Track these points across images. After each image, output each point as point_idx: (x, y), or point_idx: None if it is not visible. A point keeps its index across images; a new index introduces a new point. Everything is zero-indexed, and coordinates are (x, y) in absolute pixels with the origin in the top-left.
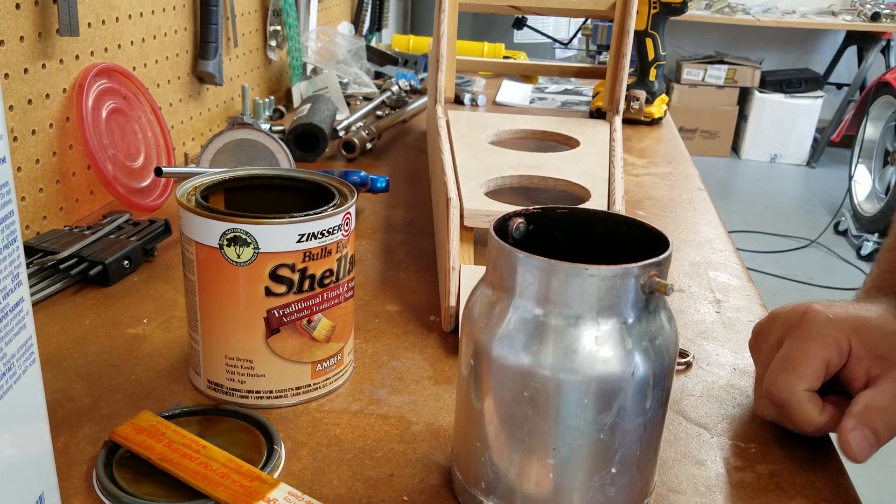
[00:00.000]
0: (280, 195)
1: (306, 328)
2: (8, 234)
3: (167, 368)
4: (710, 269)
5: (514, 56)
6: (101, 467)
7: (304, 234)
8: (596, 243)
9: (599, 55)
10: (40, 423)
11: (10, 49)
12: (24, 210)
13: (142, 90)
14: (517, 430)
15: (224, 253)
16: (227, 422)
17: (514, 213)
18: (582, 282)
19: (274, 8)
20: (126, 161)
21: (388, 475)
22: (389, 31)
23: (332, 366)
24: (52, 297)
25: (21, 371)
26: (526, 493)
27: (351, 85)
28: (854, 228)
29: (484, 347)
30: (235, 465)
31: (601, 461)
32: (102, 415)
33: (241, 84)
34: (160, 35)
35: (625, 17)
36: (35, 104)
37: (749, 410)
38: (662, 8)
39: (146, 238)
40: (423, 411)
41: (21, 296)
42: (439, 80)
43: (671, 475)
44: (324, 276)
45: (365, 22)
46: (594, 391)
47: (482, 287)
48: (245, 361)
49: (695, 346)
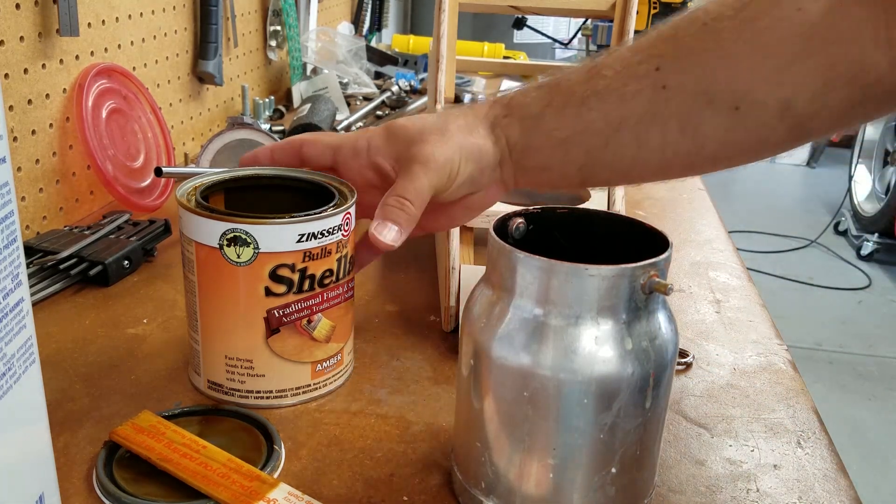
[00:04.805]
0: (280, 195)
1: (306, 328)
2: (8, 234)
3: (167, 368)
4: (710, 269)
5: (514, 56)
6: (101, 467)
7: (303, 234)
8: (596, 243)
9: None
10: (40, 423)
11: (10, 49)
12: (24, 210)
13: (142, 90)
14: (517, 430)
15: (224, 253)
16: (227, 422)
17: (514, 213)
18: (582, 282)
19: (274, 8)
20: (126, 161)
21: (388, 475)
22: (389, 31)
23: (332, 366)
24: (52, 297)
25: (21, 371)
26: (526, 493)
27: (351, 85)
28: (854, 228)
29: (484, 347)
30: (235, 465)
31: (601, 461)
32: (102, 415)
33: (241, 84)
34: (160, 35)
35: (625, 17)
36: (35, 104)
37: (749, 410)
38: (662, 8)
39: (146, 238)
40: (423, 411)
41: (21, 296)
42: (439, 80)
43: (671, 475)
44: (324, 276)
45: (365, 22)
46: (594, 391)
47: (482, 287)
48: (245, 361)
49: (695, 346)
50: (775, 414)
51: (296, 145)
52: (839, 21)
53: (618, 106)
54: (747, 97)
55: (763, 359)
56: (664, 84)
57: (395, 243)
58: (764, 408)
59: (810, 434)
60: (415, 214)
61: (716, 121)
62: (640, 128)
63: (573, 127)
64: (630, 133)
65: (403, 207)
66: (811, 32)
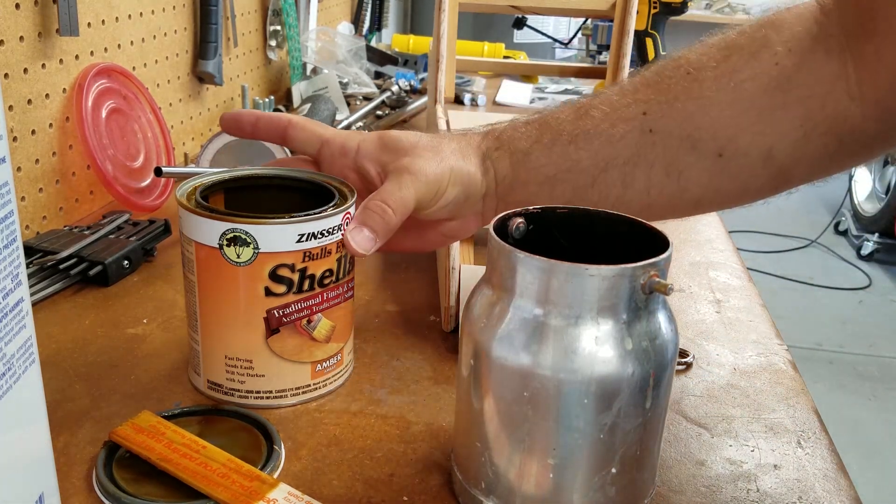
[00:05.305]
0: (280, 195)
1: (306, 328)
2: (8, 234)
3: (167, 368)
4: (710, 269)
5: (514, 56)
6: (100, 467)
7: (303, 234)
8: (596, 243)
9: (599, 55)
10: (40, 423)
11: (10, 49)
12: (24, 210)
13: (142, 90)
14: (517, 430)
15: (224, 253)
16: (226, 422)
17: (514, 212)
18: (582, 282)
19: (274, 8)
20: (126, 161)
21: (388, 475)
22: (389, 31)
23: (332, 366)
24: (52, 297)
25: (21, 371)
26: (526, 493)
27: (351, 85)
28: (854, 228)
29: (484, 347)
30: (235, 466)
31: (601, 461)
32: (102, 415)
33: (240, 84)
34: (160, 35)
35: (625, 17)
36: (35, 104)
37: (749, 410)
38: (662, 8)
39: (146, 238)
40: (423, 411)
41: (21, 296)
42: (439, 80)
43: (671, 475)
44: (324, 276)
45: (365, 22)
46: (594, 391)
47: (482, 287)
48: (245, 361)
49: (695, 346)
50: (775, 414)
51: (282, 123)
52: (814, 75)
53: (605, 146)
54: (730, 145)
55: (763, 359)
56: (651, 128)
57: (366, 252)
58: (764, 408)
59: (810, 434)
60: (394, 224)
61: (700, 165)
62: (626, 168)
63: (561, 164)
64: (617, 173)
65: (384, 215)
66: (788, 86)
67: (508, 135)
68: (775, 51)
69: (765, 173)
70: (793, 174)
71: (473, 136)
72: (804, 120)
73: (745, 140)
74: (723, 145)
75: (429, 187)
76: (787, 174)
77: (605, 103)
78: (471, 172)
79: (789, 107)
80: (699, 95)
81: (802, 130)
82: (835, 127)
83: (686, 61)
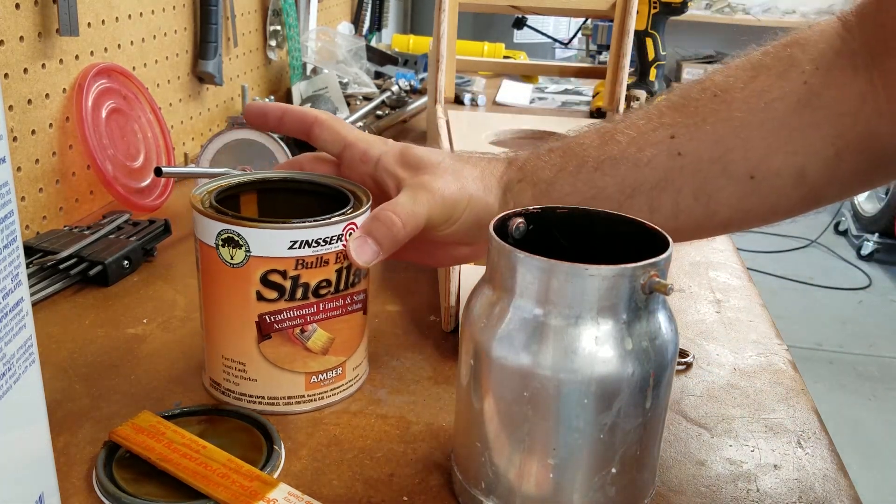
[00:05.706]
0: (310, 199)
1: (300, 337)
2: (8, 234)
3: (167, 368)
4: (710, 269)
5: (514, 56)
6: (100, 467)
7: (295, 241)
8: (596, 243)
9: (599, 55)
10: (40, 423)
11: (9, 49)
12: (23, 210)
13: (142, 90)
14: (517, 430)
15: (220, 253)
16: (226, 422)
17: (514, 212)
18: (582, 282)
19: (274, 8)
20: (126, 161)
21: (388, 475)
22: (389, 31)
23: (329, 379)
24: (52, 297)
25: (21, 371)
26: (526, 493)
27: (351, 85)
28: (854, 228)
29: (484, 347)
30: (235, 466)
31: (601, 461)
32: (102, 415)
33: (240, 84)
34: (160, 35)
35: (625, 17)
36: (35, 104)
37: (749, 410)
38: (662, 8)
39: (146, 238)
40: (423, 411)
41: (21, 296)
42: (439, 80)
43: (671, 475)
44: (319, 286)
45: (365, 22)
46: (594, 391)
47: (482, 287)
48: (239, 364)
49: (695, 346)
50: (775, 414)
51: (309, 119)
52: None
53: (632, 172)
54: (762, 165)
55: (763, 359)
56: (679, 151)
57: (366, 264)
58: (764, 408)
59: (810, 434)
60: (401, 239)
61: (730, 189)
62: (653, 193)
63: (585, 192)
64: (643, 199)
65: (392, 227)
66: (818, 103)
67: (532, 164)
68: (803, 69)
69: (796, 193)
70: (824, 193)
71: (497, 164)
72: (835, 138)
73: (777, 161)
74: (754, 166)
75: (444, 209)
76: (819, 193)
77: (630, 128)
78: (489, 204)
79: (820, 125)
80: (728, 117)
81: (834, 149)
82: (866, 144)
83: (712, 83)
